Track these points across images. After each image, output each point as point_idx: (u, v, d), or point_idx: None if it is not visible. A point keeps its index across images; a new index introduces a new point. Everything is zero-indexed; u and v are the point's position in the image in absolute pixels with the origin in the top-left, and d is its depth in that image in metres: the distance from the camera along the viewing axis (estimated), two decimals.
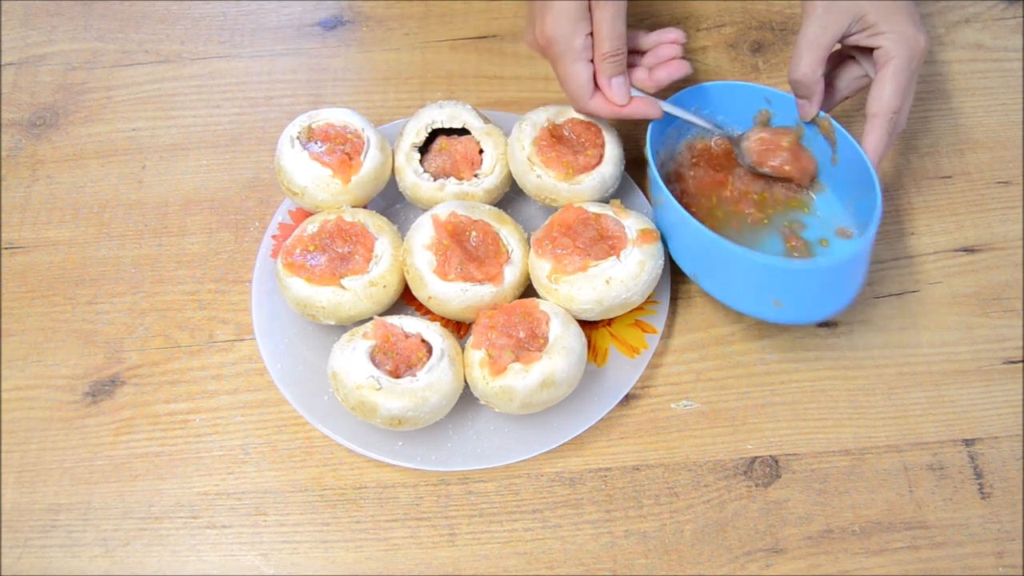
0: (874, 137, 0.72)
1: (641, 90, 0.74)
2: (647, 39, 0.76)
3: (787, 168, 0.76)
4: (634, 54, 0.75)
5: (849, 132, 0.74)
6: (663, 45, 0.75)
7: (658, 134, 0.76)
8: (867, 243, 0.68)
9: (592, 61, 0.72)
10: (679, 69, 0.74)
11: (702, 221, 0.76)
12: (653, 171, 0.72)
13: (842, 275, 0.69)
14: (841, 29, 0.72)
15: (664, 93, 0.75)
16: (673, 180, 0.79)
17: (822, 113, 0.75)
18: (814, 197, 0.78)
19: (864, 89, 0.75)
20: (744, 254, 0.66)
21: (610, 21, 0.69)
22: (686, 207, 0.76)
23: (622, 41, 0.71)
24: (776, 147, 0.77)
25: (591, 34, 0.71)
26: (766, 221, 0.77)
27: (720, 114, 0.79)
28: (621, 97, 0.72)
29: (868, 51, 0.74)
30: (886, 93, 0.72)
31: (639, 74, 0.75)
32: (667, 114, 0.75)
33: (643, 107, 0.73)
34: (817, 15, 0.72)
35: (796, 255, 0.74)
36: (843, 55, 0.77)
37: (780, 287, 0.68)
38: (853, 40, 0.73)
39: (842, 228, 0.76)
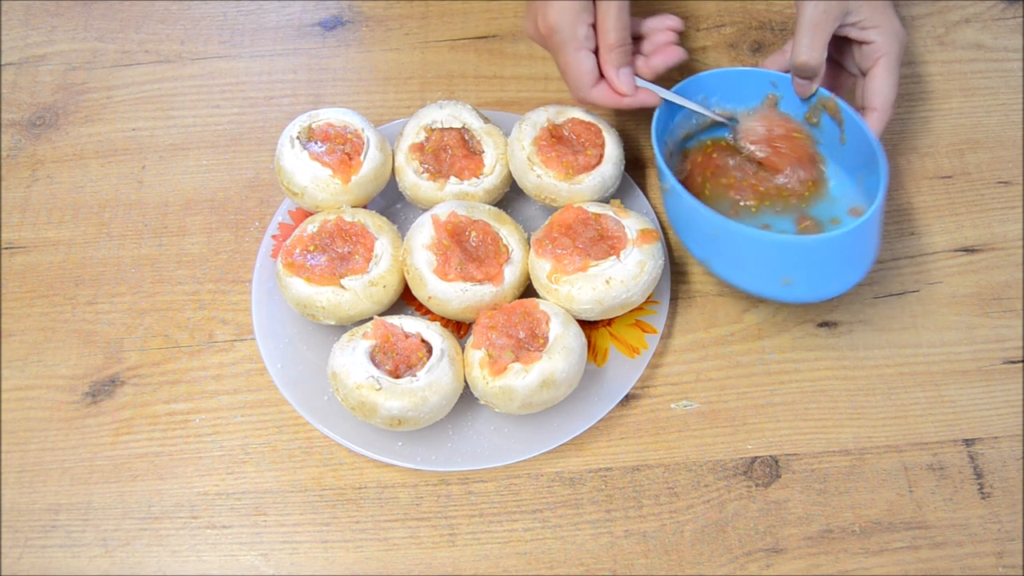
0: (876, 129, 0.74)
1: (639, 77, 0.74)
2: (643, 26, 0.76)
3: (774, 159, 0.77)
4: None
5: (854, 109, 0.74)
6: (658, 32, 0.75)
7: (663, 123, 0.76)
8: (874, 214, 0.68)
9: (594, 51, 0.72)
10: (675, 55, 0.74)
11: (712, 206, 0.76)
12: (659, 158, 0.72)
13: (850, 247, 0.69)
14: (840, 14, 0.73)
15: (670, 83, 0.76)
16: (679, 168, 0.79)
17: (827, 93, 0.75)
18: (830, 184, 0.78)
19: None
20: (752, 233, 0.67)
21: (616, 12, 0.70)
22: (694, 193, 0.76)
23: (627, 32, 0.71)
24: (770, 136, 0.77)
25: (593, 24, 0.71)
26: (775, 212, 0.77)
27: (728, 102, 0.79)
28: (628, 87, 0.73)
29: (854, 43, 0.75)
30: (886, 87, 0.74)
31: (637, 62, 0.75)
32: (669, 105, 0.75)
33: (645, 96, 0.74)
34: None
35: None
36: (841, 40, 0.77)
37: (789, 264, 0.68)
38: (843, 31, 0.74)
39: (855, 207, 0.75)
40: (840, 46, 0.77)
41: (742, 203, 0.77)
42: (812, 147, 0.78)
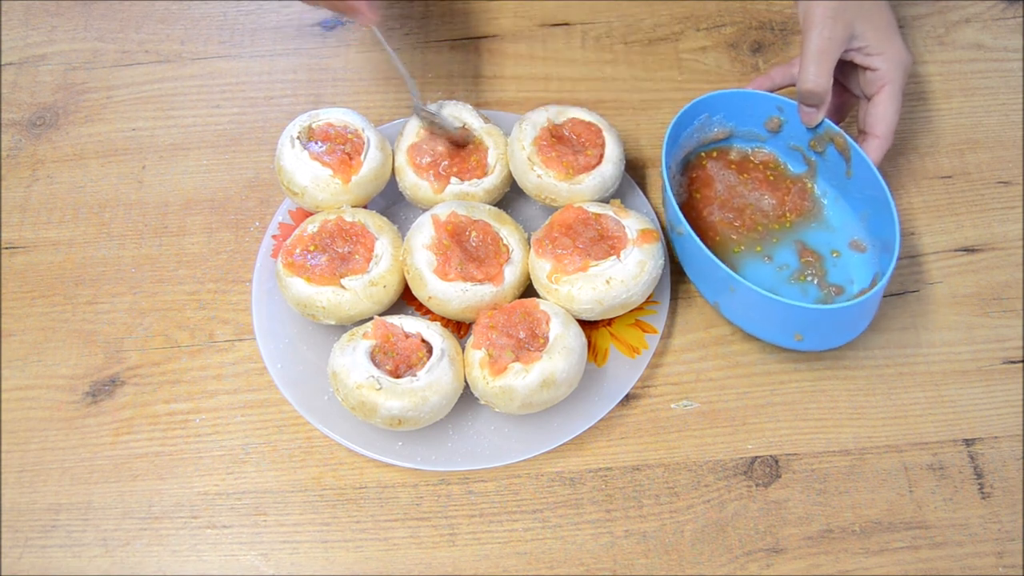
0: (876, 156, 0.74)
1: None
2: None
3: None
4: None
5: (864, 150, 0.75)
6: None
7: (670, 149, 0.76)
8: (882, 287, 0.69)
9: None
10: None
11: (716, 230, 0.77)
12: (670, 199, 0.72)
13: (859, 313, 0.71)
14: (845, 40, 0.72)
15: (676, 104, 0.76)
16: (680, 190, 0.79)
17: (836, 128, 0.75)
18: (825, 210, 0.79)
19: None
20: (767, 297, 0.67)
21: None
22: (700, 216, 0.76)
23: None
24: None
25: None
26: (774, 240, 0.78)
27: (731, 120, 0.80)
28: None
29: (859, 68, 0.75)
30: (889, 115, 0.74)
31: None
32: (674, 127, 0.75)
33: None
34: (823, 24, 0.72)
35: (810, 271, 0.75)
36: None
37: (801, 324, 0.69)
38: (848, 56, 0.74)
39: (856, 241, 0.77)
40: (845, 69, 0.77)
41: (737, 232, 0.77)
42: None
